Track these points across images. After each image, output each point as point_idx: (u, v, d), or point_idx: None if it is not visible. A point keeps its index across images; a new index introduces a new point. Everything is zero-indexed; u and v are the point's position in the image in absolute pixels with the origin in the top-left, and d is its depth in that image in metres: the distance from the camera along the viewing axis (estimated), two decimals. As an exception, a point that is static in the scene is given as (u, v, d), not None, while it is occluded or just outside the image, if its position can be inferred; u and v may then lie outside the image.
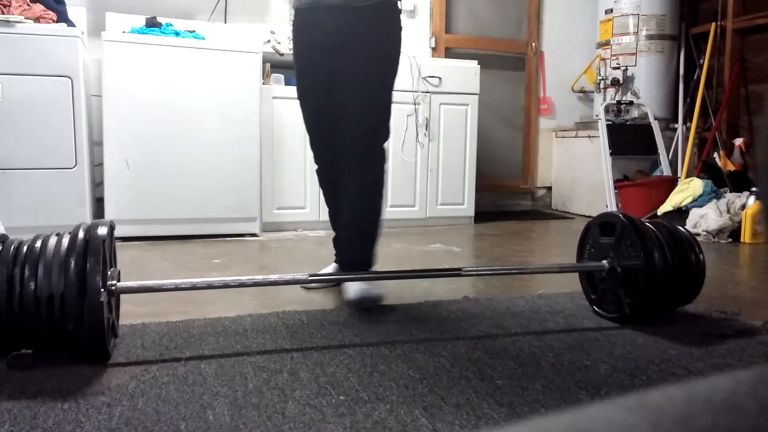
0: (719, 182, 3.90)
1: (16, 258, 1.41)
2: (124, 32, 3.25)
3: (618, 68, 4.46)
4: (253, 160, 3.37)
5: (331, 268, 2.27)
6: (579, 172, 4.69)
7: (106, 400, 1.28)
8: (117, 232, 1.81)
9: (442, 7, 4.61)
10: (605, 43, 4.63)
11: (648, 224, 1.87)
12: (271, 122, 3.53)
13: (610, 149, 4.23)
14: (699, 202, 3.72)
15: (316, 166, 2.28)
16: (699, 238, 3.30)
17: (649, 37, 4.44)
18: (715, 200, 3.66)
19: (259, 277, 1.86)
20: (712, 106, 4.53)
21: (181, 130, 3.22)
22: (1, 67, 2.85)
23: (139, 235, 3.19)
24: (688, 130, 4.39)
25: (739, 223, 3.50)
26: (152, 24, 3.31)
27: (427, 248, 3.21)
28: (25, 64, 2.87)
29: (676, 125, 4.54)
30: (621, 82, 4.42)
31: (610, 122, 4.36)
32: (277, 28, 3.90)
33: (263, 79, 3.53)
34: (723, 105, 4.40)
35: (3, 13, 2.89)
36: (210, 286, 1.78)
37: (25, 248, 1.44)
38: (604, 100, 4.48)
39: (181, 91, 3.21)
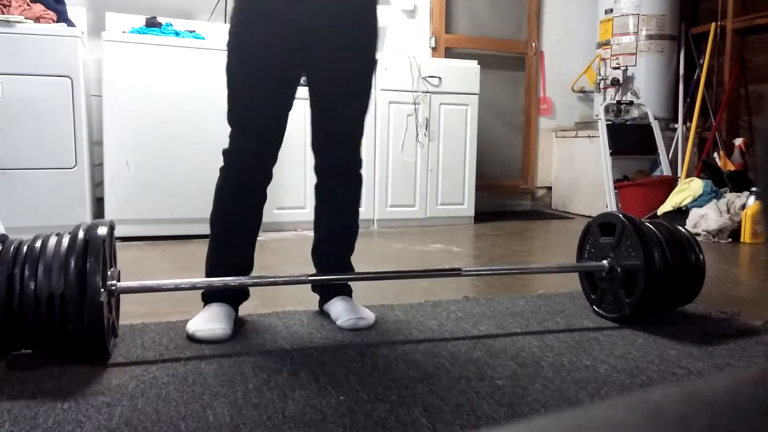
0: (719, 182, 3.90)
1: (16, 258, 1.41)
2: (124, 32, 3.25)
3: (618, 68, 4.46)
4: (253, 160, 3.37)
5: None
6: (579, 172, 4.69)
7: (106, 400, 1.28)
8: (117, 232, 1.81)
9: (442, 7, 4.61)
10: (605, 43, 4.63)
11: (648, 224, 1.87)
12: (271, 122, 3.52)
13: (610, 149, 4.22)
14: (699, 202, 3.72)
15: (244, 182, 1.79)
16: (699, 238, 3.30)
17: (649, 37, 4.44)
18: (715, 200, 3.66)
19: (259, 277, 1.86)
20: (712, 106, 4.53)
21: (181, 130, 3.22)
22: (1, 67, 2.84)
23: (139, 235, 3.19)
24: (688, 130, 4.39)
25: (739, 223, 3.50)
26: (152, 24, 3.31)
27: (427, 248, 3.21)
28: (25, 64, 2.87)
29: (676, 125, 4.54)
30: (621, 82, 4.42)
31: (610, 122, 4.35)
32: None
33: (263, 79, 3.52)
34: (723, 105, 4.40)
35: (3, 13, 2.89)
36: (210, 287, 1.78)
37: (25, 248, 1.44)
38: (604, 100, 4.47)
39: (181, 91, 3.21)
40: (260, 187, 1.83)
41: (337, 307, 1.85)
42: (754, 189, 3.62)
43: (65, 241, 1.45)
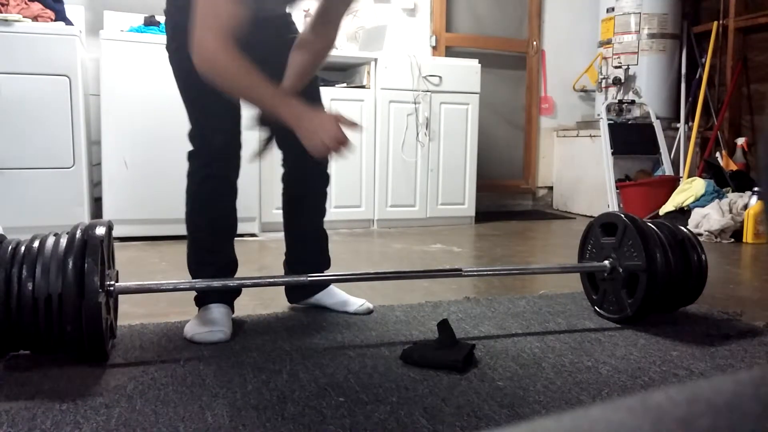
0: (721, 182, 3.89)
1: (14, 258, 1.40)
2: (122, 31, 3.25)
3: (619, 67, 4.46)
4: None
5: None
6: (580, 172, 4.68)
7: (104, 402, 1.28)
8: (115, 232, 1.80)
9: (443, 6, 4.60)
10: (607, 42, 4.62)
11: (650, 224, 1.86)
12: (272, 122, 3.52)
13: (611, 149, 4.22)
14: (701, 201, 3.71)
15: (212, 173, 1.78)
16: (701, 238, 3.29)
17: (651, 36, 4.43)
18: (717, 200, 3.65)
19: (259, 277, 1.86)
20: (714, 105, 4.52)
21: (179, 129, 3.19)
22: None
23: (137, 235, 3.19)
24: (690, 129, 4.38)
25: (742, 223, 3.49)
26: (151, 23, 3.31)
27: (428, 248, 3.20)
28: (23, 63, 2.87)
29: (678, 124, 4.53)
30: (622, 81, 4.42)
31: (612, 121, 4.35)
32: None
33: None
34: (725, 104, 4.39)
35: (1, 12, 2.89)
36: (209, 287, 1.77)
37: (22, 248, 1.43)
38: (606, 99, 4.47)
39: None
40: (232, 179, 1.83)
41: (338, 296, 1.95)
42: (756, 189, 3.61)
43: (63, 241, 1.44)
